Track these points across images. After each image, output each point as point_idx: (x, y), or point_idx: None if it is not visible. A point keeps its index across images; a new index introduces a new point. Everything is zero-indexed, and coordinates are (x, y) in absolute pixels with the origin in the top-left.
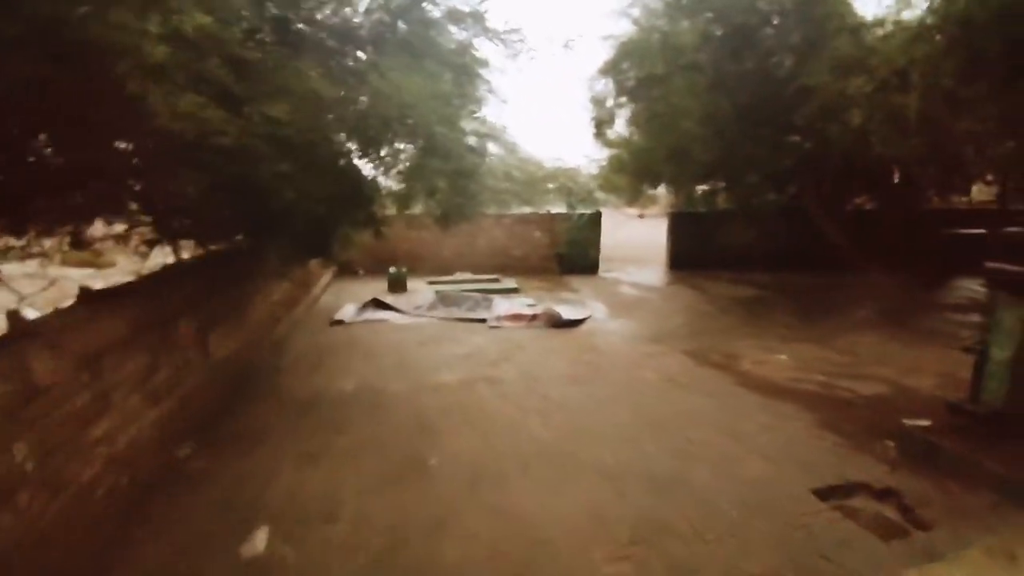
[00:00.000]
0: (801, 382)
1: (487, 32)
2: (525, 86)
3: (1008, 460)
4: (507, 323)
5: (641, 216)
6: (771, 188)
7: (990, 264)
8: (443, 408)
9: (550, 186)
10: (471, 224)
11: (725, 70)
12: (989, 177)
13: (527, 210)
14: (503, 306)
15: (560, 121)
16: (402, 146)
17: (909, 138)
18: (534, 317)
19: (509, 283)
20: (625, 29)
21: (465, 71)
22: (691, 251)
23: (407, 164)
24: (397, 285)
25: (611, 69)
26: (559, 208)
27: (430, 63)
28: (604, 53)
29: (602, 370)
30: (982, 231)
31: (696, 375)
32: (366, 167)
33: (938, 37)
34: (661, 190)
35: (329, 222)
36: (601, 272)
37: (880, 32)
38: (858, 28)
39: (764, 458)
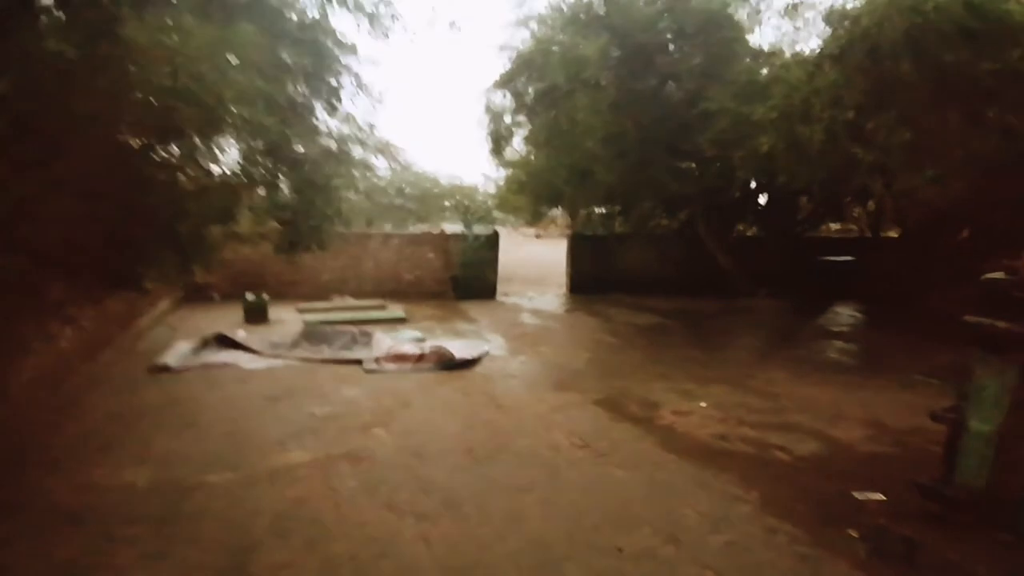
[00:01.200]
0: (729, 439)
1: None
2: (416, 96)
3: (1002, 562)
4: (389, 365)
5: (539, 236)
6: (664, 213)
7: (970, 318)
8: (279, 516)
9: (446, 204)
10: (356, 245)
11: (627, 89)
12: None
13: (419, 229)
14: (385, 343)
15: (455, 136)
16: (240, 144)
17: (813, 168)
18: (421, 357)
19: (396, 312)
20: (523, 39)
21: (317, 51)
22: (591, 274)
23: (238, 168)
24: (255, 315)
25: (508, 81)
26: (455, 228)
27: (252, 27)
28: (501, 65)
29: (505, 435)
30: (850, 258)
31: (615, 437)
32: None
33: (838, 67)
34: (559, 211)
35: (128, 243)
36: (499, 297)
37: (778, 62)
38: (758, 55)
39: (718, 574)
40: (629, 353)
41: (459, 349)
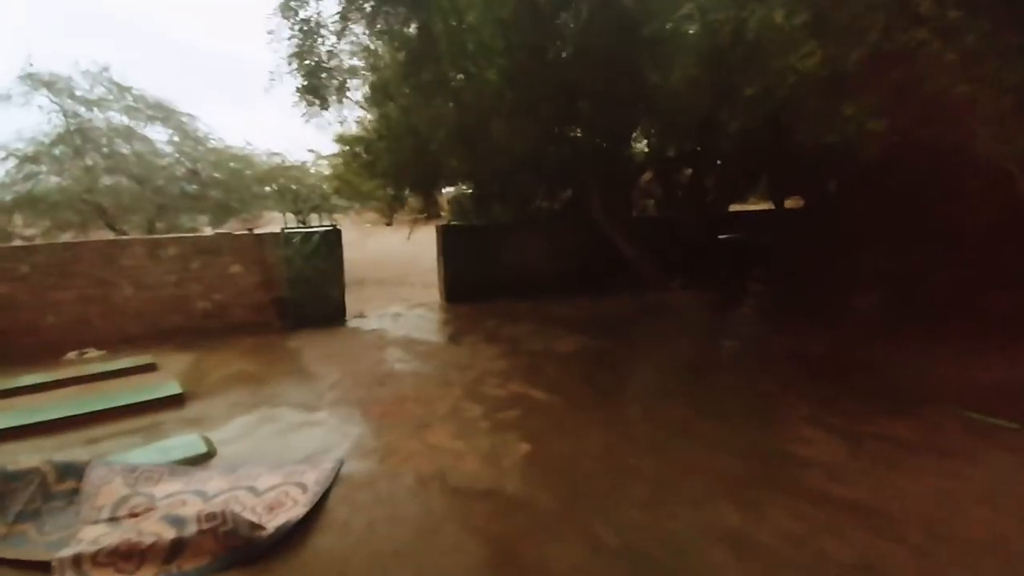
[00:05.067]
0: None
1: None
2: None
3: None
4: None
5: (388, 224)
6: (546, 192)
7: None
8: None
9: (266, 190)
10: (100, 261)
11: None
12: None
13: (209, 231)
14: (111, 493)
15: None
16: None
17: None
18: (179, 547)
19: (165, 384)
20: None
21: None
22: (471, 276)
23: None
24: None
25: None
26: (269, 226)
27: None
28: None
29: None
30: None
31: None
32: None
33: None
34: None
35: None
36: (350, 319)
37: None
38: None
39: None
40: (583, 427)
41: (268, 497)
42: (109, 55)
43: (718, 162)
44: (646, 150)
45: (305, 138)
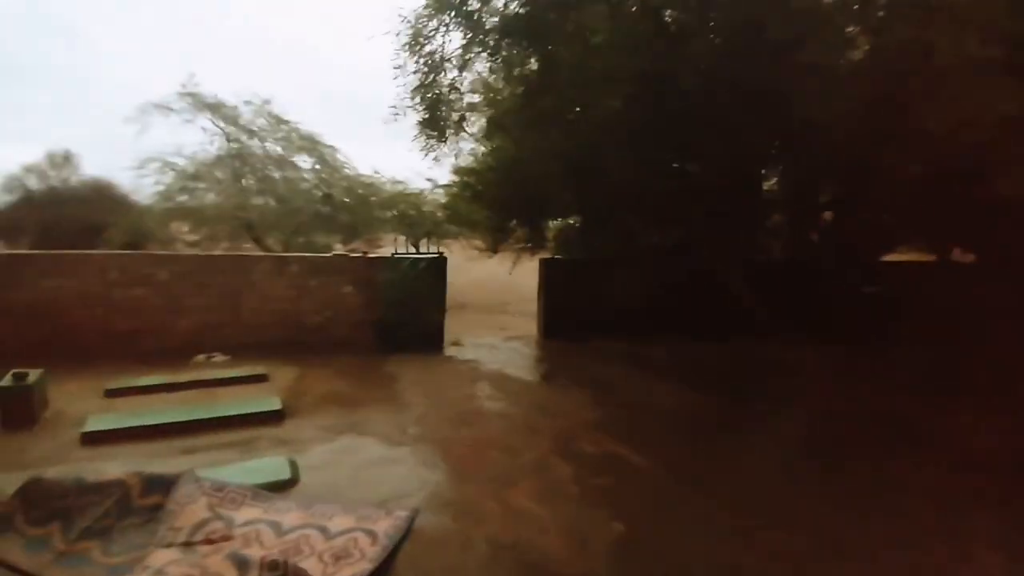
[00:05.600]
0: None
1: None
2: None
3: None
4: None
5: (495, 253)
6: (655, 226)
7: None
8: None
9: (387, 215)
10: (233, 271)
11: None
12: None
13: (339, 247)
14: (194, 515)
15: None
16: None
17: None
18: None
19: (268, 400)
20: None
21: None
22: (570, 312)
23: None
24: (13, 412)
25: None
26: (381, 249)
27: None
28: None
29: None
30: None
31: None
32: None
33: None
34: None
35: None
36: (447, 346)
37: None
38: None
39: None
40: (689, 510)
41: (337, 544)
42: (264, 87)
43: (868, 206)
44: (776, 188)
45: (424, 168)
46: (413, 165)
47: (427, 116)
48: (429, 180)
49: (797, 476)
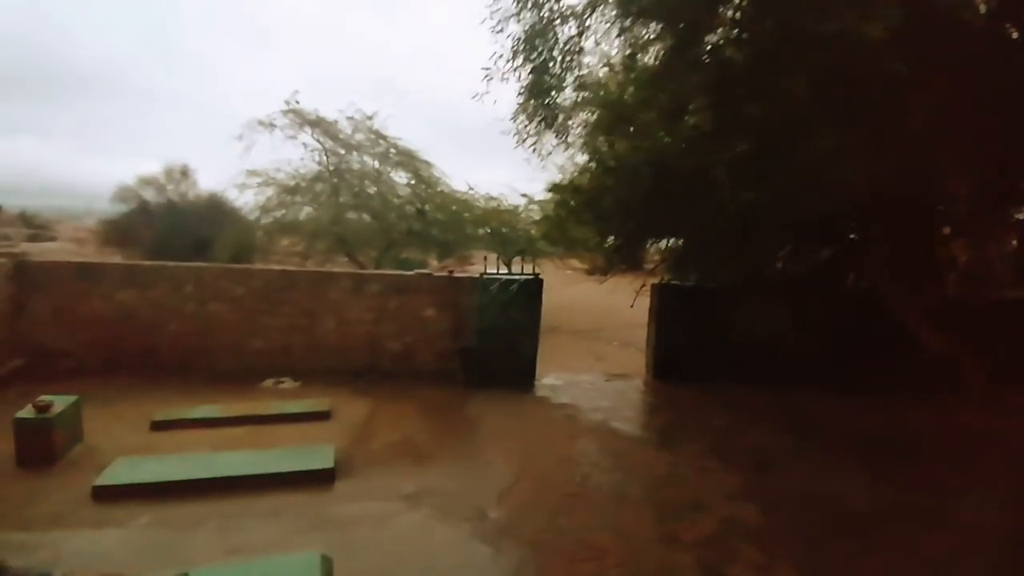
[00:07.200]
0: None
1: None
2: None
3: None
4: None
5: (592, 274)
6: (796, 248)
7: None
8: None
9: (480, 232)
10: (310, 291)
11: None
12: None
13: (434, 263)
14: None
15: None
16: None
17: None
18: None
19: (320, 450)
20: None
21: None
22: (688, 349)
23: None
24: (34, 448)
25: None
26: (471, 268)
27: None
28: None
29: None
30: None
31: None
32: None
33: None
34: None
35: None
36: (539, 381)
37: None
38: None
39: None
40: None
41: None
42: (366, 105)
43: None
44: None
45: (518, 183)
46: (509, 181)
47: (541, 117)
48: (524, 196)
49: None
